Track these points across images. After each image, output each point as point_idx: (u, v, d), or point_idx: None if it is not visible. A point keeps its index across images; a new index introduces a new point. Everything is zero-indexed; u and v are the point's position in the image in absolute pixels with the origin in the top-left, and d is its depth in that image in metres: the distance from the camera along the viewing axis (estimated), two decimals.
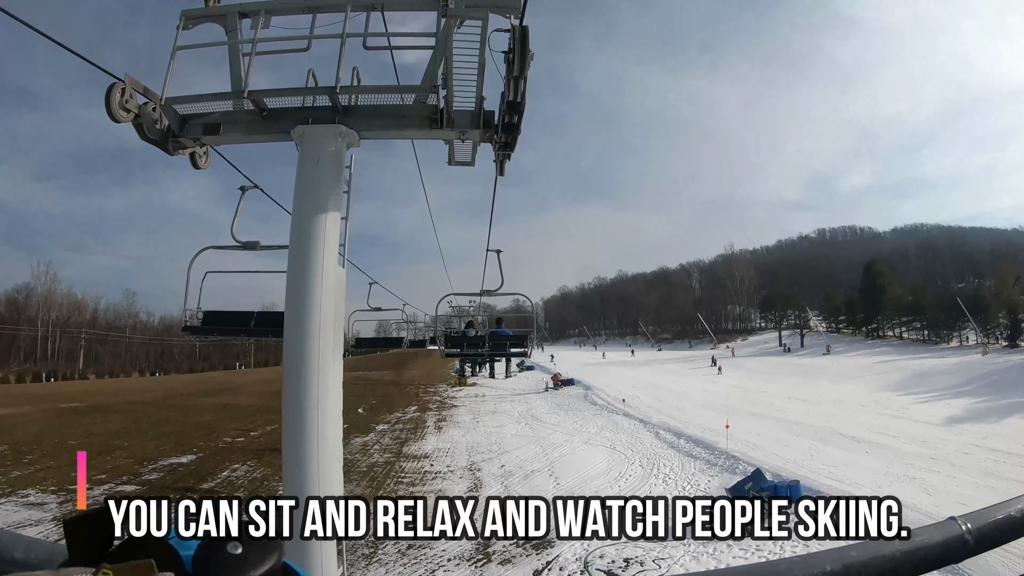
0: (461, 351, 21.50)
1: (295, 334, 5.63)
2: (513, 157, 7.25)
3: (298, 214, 6.09)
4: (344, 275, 6.13)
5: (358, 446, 38.33)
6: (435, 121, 6.52)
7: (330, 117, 6.41)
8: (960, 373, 64.50)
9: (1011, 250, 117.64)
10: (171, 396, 63.18)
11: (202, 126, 6.71)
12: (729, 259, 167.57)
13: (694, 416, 45.37)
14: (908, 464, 30.41)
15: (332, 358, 5.75)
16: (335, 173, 6.29)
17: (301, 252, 5.80)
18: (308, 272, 5.70)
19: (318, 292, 5.65)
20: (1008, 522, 1.71)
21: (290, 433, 5.59)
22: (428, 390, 71.03)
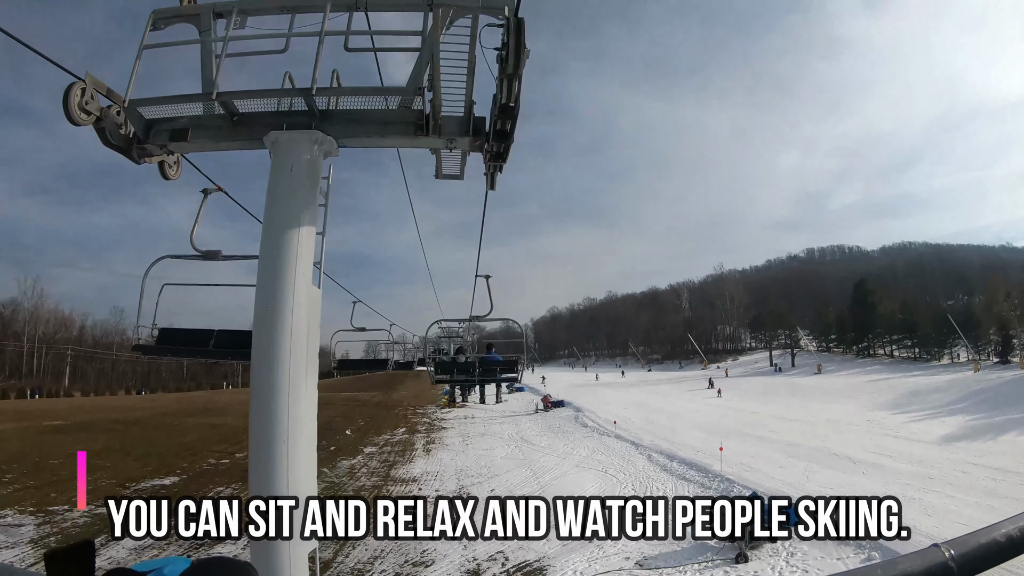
0: (451, 377, 21.15)
1: (263, 360, 5.05)
2: (504, 172, 6.72)
3: (269, 228, 5.52)
4: (319, 296, 5.54)
5: (345, 469, 37.64)
6: (421, 128, 5.92)
7: (306, 123, 5.86)
8: (953, 390, 64.16)
9: (1000, 266, 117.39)
10: (156, 415, 62.21)
11: (169, 132, 6.12)
12: (719, 279, 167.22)
13: (686, 438, 44.77)
14: (906, 484, 29.84)
15: (305, 385, 5.17)
16: (310, 184, 5.75)
17: (271, 270, 5.20)
18: (279, 292, 5.10)
19: (289, 314, 5.05)
20: (992, 547, 1.64)
21: (257, 469, 4.97)
22: (417, 411, 70.28)
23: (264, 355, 5.07)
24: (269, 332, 5.08)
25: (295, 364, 5.05)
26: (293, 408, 5.05)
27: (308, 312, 5.22)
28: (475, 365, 20.00)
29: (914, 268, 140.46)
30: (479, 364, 20.01)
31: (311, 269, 5.53)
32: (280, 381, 4.99)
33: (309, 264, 5.50)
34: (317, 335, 5.41)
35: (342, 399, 77.49)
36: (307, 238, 5.50)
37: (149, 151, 6.29)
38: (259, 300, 5.20)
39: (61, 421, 54.87)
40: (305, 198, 5.62)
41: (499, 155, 6.35)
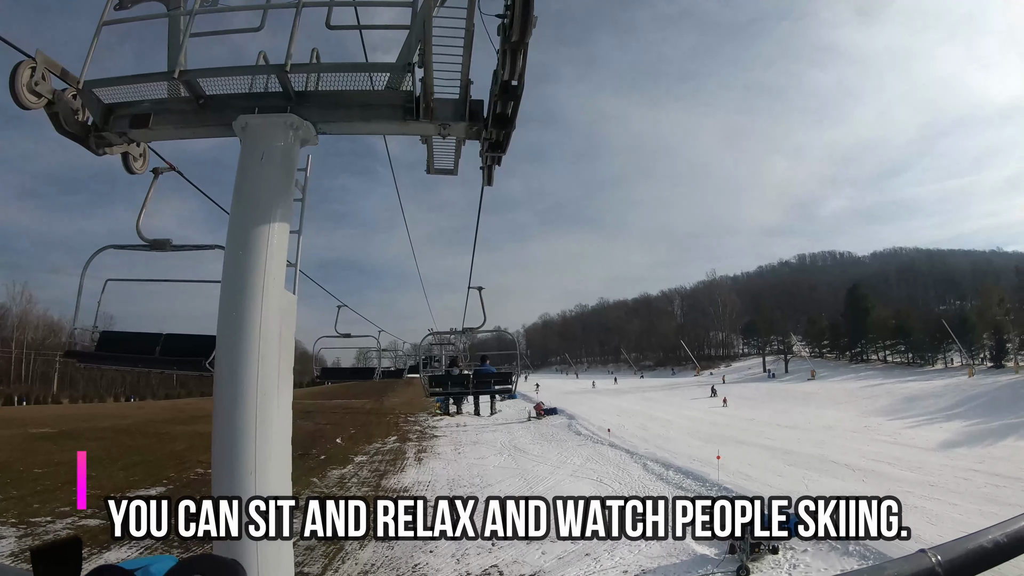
0: (445, 389, 20.42)
1: (228, 373, 4.42)
2: (502, 167, 6.07)
3: (236, 225, 4.87)
4: (294, 302, 4.86)
5: (335, 479, 37.02)
6: (410, 111, 5.24)
7: (281, 105, 5.18)
8: (949, 396, 63.86)
9: (991, 271, 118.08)
10: (145, 423, 61.13)
11: (129, 118, 5.45)
12: (710, 285, 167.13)
13: (681, 446, 44.32)
14: (907, 492, 29.32)
15: (277, 401, 4.52)
16: (284, 175, 5.08)
17: (237, 272, 4.52)
18: (246, 297, 4.44)
19: (257, 321, 4.40)
20: (978, 553, 1.63)
21: (221, 489, 4.36)
22: (408, 419, 69.55)
23: (228, 367, 4.44)
24: (234, 341, 4.44)
25: (264, 376, 4.40)
26: (263, 427, 4.42)
27: (281, 319, 4.58)
28: (469, 378, 19.65)
29: (906, 273, 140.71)
30: (473, 377, 19.67)
31: (284, 271, 4.88)
32: (246, 396, 4.36)
33: (282, 266, 4.85)
34: (291, 344, 4.77)
35: (333, 406, 76.62)
36: (280, 237, 4.85)
37: (108, 140, 5.59)
38: (224, 305, 4.55)
39: (48, 429, 53.79)
40: (278, 191, 4.96)
41: (498, 144, 5.61)
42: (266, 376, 4.46)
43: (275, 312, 4.53)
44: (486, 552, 24.04)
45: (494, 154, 5.79)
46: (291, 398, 4.86)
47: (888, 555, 17.47)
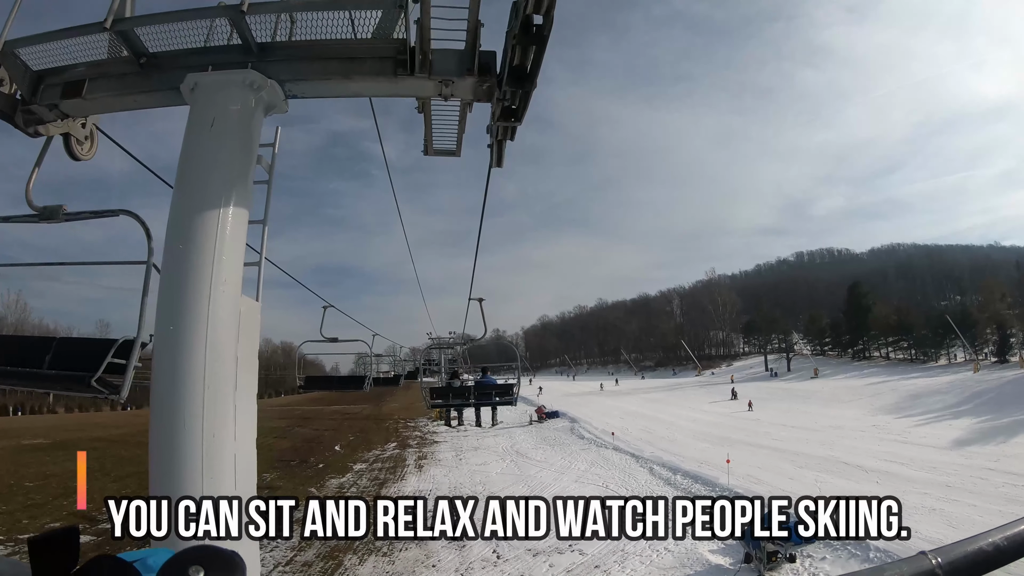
0: (446, 402, 20.45)
1: (165, 393, 3.43)
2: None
3: (176, 212, 3.83)
4: (257, 309, 3.85)
5: (333, 489, 36.23)
6: (403, 65, 4.09)
7: (239, 61, 4.12)
8: (955, 392, 63.00)
9: (990, 266, 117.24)
10: (140, 432, 59.47)
11: (61, 86, 4.39)
12: (709, 285, 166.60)
13: (687, 448, 43.55)
14: (923, 494, 28.56)
15: (232, 425, 3.56)
16: (242, 149, 4.00)
17: (178, 271, 3.50)
18: (185, 303, 3.42)
19: (199, 332, 3.39)
20: (979, 555, 1.59)
21: None
22: (408, 424, 68.58)
23: (165, 387, 3.44)
24: (171, 357, 3.43)
25: (214, 397, 3.42)
26: (211, 460, 3.51)
27: (237, 329, 3.59)
28: (471, 390, 19.86)
29: (904, 270, 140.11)
30: (474, 388, 19.91)
31: (241, 271, 3.84)
32: (184, 425, 3.40)
33: (237, 264, 3.82)
34: (253, 358, 3.80)
35: (331, 412, 75.87)
36: (235, 228, 3.81)
37: (39, 115, 4.50)
38: (160, 313, 3.54)
39: (41, 440, 52.89)
40: (233, 169, 3.91)
41: (512, 112, 4.43)
42: (216, 396, 3.48)
43: (227, 321, 3.53)
44: (491, 566, 23.19)
45: (507, 124, 4.59)
46: (253, 421, 3.96)
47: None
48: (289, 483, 37.15)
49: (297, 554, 24.25)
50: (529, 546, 24.24)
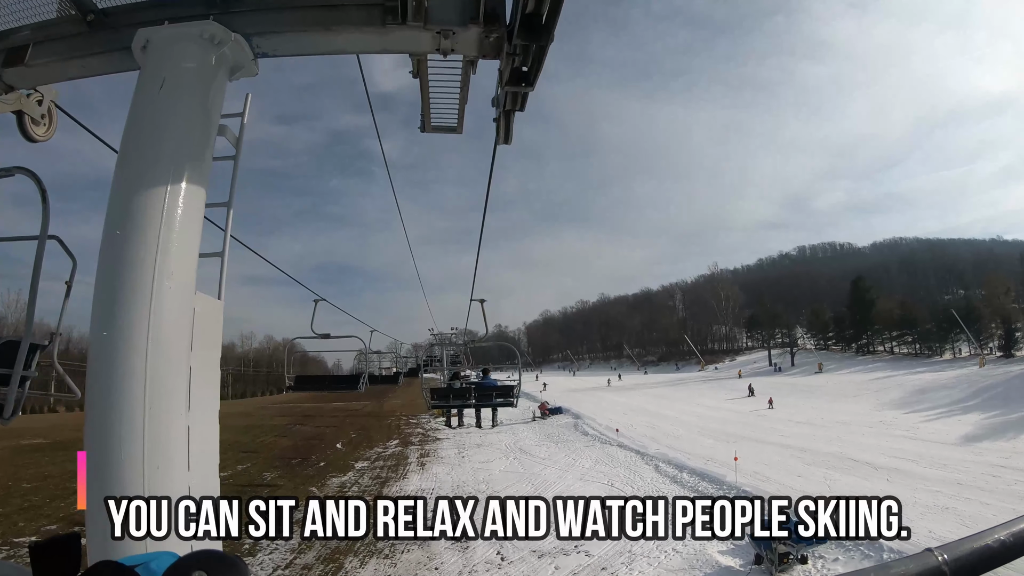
0: (447, 403, 20.18)
1: (100, 409, 2.84)
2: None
3: (117, 191, 3.17)
4: (219, 308, 3.25)
5: (335, 488, 35.70)
6: (392, 12, 3.44)
7: (200, 13, 3.46)
8: (961, 387, 62.31)
9: (992, 260, 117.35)
10: None
11: (4, 54, 3.77)
12: (711, 279, 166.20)
13: (693, 445, 43.02)
14: (935, 492, 28.08)
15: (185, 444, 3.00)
16: (199, 116, 3.33)
17: (115, 262, 2.88)
18: (121, 301, 2.82)
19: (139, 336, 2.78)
20: (985, 552, 1.57)
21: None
22: (410, 421, 68.05)
23: (101, 402, 2.85)
24: (107, 363, 2.83)
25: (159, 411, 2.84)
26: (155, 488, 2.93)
27: (192, 330, 3.00)
28: (471, 391, 19.69)
29: (907, 264, 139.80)
30: (475, 390, 19.75)
31: (195, 263, 3.21)
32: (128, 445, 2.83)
33: (191, 254, 3.18)
34: (214, 364, 3.22)
35: (332, 409, 75.38)
36: (188, 210, 3.16)
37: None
38: (96, 310, 2.94)
39: (40, 440, 52.54)
40: (187, 140, 3.25)
41: (523, 75, 3.73)
42: (160, 411, 2.88)
43: (175, 322, 2.93)
44: (495, 568, 22.71)
45: (517, 89, 3.88)
46: (214, 440, 3.55)
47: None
48: (290, 482, 36.67)
49: (297, 556, 23.73)
50: (534, 547, 23.78)
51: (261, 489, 34.82)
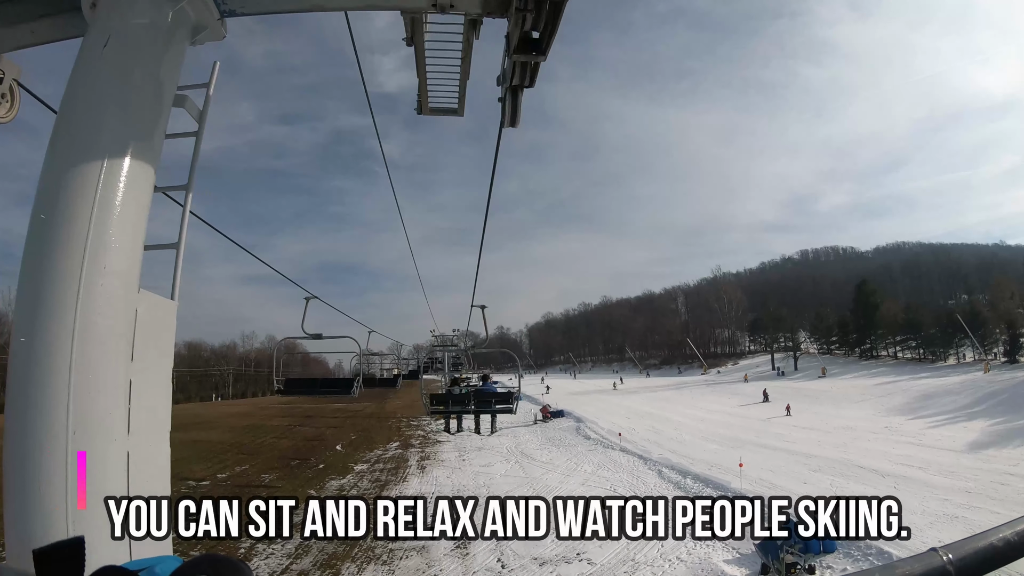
0: (446, 408, 19.98)
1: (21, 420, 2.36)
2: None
3: (48, 170, 2.63)
4: (173, 310, 2.78)
5: (333, 491, 35.25)
6: None
7: None
8: (967, 393, 61.63)
9: (997, 264, 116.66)
10: None
11: None
12: (714, 282, 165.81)
13: (697, 450, 42.53)
14: (944, 500, 27.61)
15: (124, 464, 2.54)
16: (151, 81, 2.83)
17: (40, 251, 2.38)
18: (47, 297, 2.32)
19: (65, 337, 2.29)
20: (989, 552, 1.60)
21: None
22: (411, 423, 67.56)
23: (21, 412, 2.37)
24: (27, 366, 2.36)
25: (87, 424, 2.37)
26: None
27: (133, 333, 2.52)
28: (471, 397, 19.48)
29: (910, 268, 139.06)
30: (475, 396, 19.54)
31: (139, 257, 2.70)
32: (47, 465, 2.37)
33: (130, 245, 2.65)
34: (164, 371, 2.77)
35: (333, 410, 74.87)
36: (131, 194, 2.65)
37: None
38: (18, 308, 2.46)
39: None
40: (133, 110, 2.73)
41: (533, 42, 3.19)
42: (88, 427, 2.40)
43: (110, 323, 2.44)
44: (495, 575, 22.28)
45: (527, 58, 3.33)
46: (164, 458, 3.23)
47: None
48: (289, 484, 36.24)
49: (293, 562, 23.25)
50: (535, 554, 23.34)
51: (259, 490, 34.41)
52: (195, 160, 3.05)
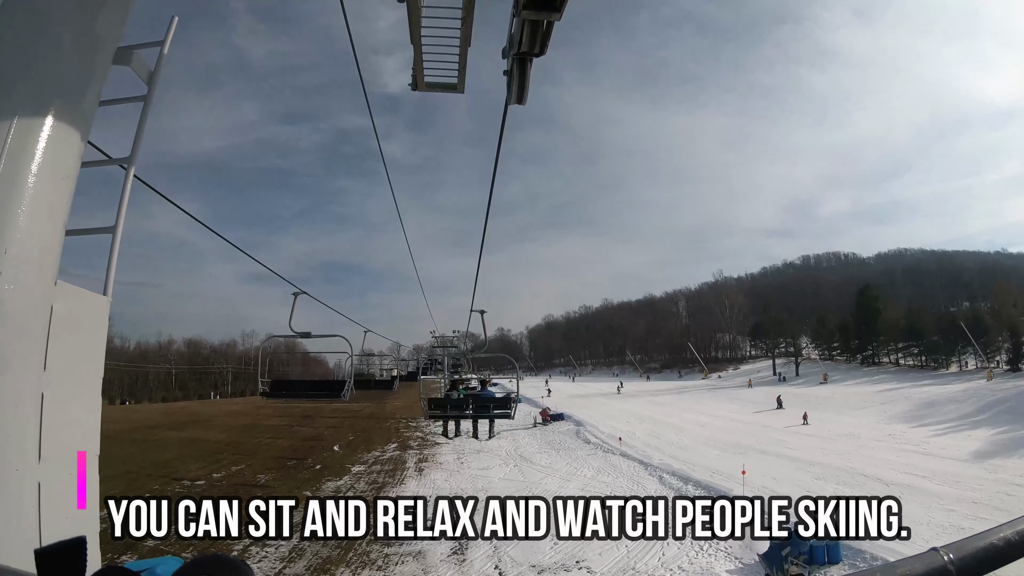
0: (444, 413, 20.01)
1: None
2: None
3: None
4: (105, 306, 2.35)
5: (329, 492, 34.88)
6: None
7: None
8: (970, 401, 61.16)
9: (1000, 272, 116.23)
10: (136, 428, 58.34)
11: None
12: (715, 287, 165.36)
13: (698, 456, 42.15)
14: (949, 511, 27.17)
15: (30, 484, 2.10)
16: (81, 29, 2.14)
17: None
18: None
19: None
20: (990, 551, 1.54)
21: None
22: (410, 424, 67.21)
23: None
24: None
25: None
26: None
27: (47, 330, 2.06)
28: (468, 401, 19.68)
29: (912, 275, 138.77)
30: (473, 401, 19.76)
31: (61, 241, 2.18)
32: None
33: (49, 229, 2.20)
34: (94, 375, 2.34)
35: (332, 410, 74.49)
36: (52, 163, 2.19)
37: None
38: None
39: None
40: (59, 62, 2.24)
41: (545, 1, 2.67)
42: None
43: (17, 319, 1.98)
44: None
45: (538, 15, 2.77)
46: (93, 494, 2.77)
47: None
48: (284, 485, 35.86)
49: (286, 566, 22.85)
50: (534, 561, 22.94)
51: (254, 491, 34.03)
52: (141, 129, 2.59)
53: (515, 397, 20.55)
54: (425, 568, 22.94)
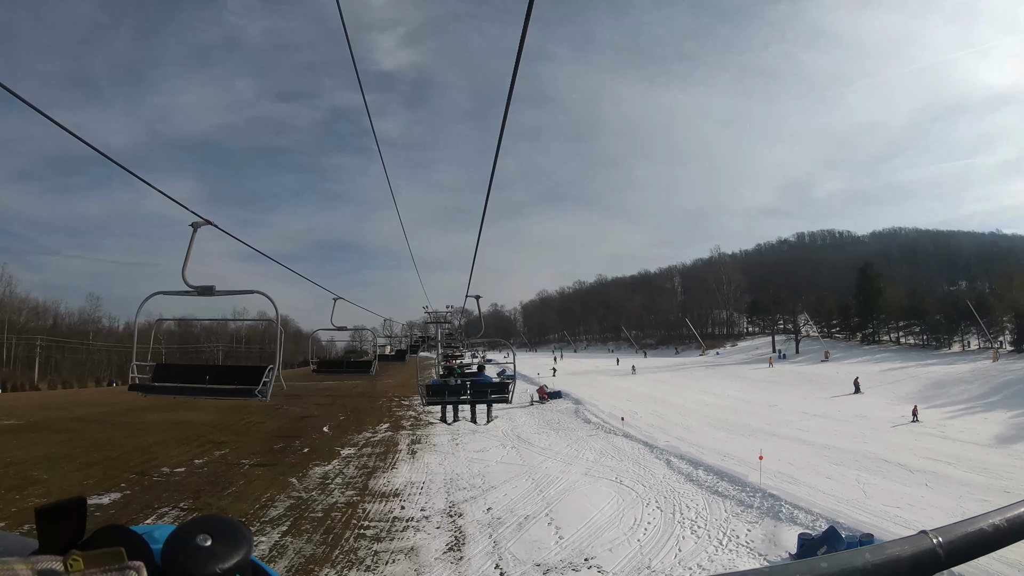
0: (442, 399, 19.70)
1: None
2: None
3: None
4: None
5: (316, 480, 32.69)
6: None
7: None
8: (979, 382, 59.86)
9: (997, 252, 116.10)
10: (121, 411, 55.87)
11: None
12: (711, 263, 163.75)
13: (705, 437, 40.26)
14: (982, 501, 25.32)
15: None
16: None
17: None
18: None
19: None
20: (979, 536, 1.59)
21: None
22: (403, 403, 65.22)
23: None
24: None
25: None
26: None
27: None
28: (466, 387, 19.70)
29: (908, 254, 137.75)
30: (470, 386, 19.73)
31: None
32: None
33: None
34: None
35: (323, 388, 72.51)
36: None
37: None
38: None
39: (15, 420, 48.99)
40: None
41: None
42: None
43: None
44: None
45: None
46: None
47: None
48: (269, 471, 33.76)
49: None
50: (538, 560, 20.92)
51: (238, 478, 32.08)
52: None
53: (511, 378, 19.99)
54: (418, 568, 20.89)
